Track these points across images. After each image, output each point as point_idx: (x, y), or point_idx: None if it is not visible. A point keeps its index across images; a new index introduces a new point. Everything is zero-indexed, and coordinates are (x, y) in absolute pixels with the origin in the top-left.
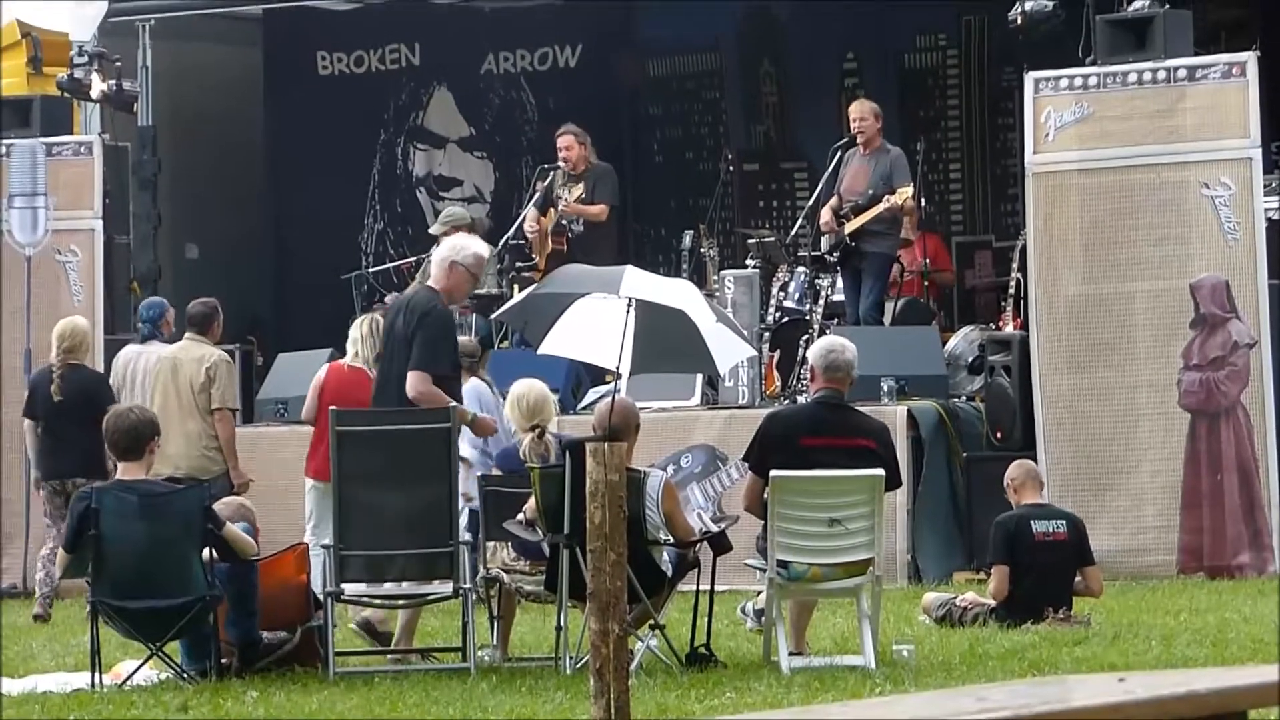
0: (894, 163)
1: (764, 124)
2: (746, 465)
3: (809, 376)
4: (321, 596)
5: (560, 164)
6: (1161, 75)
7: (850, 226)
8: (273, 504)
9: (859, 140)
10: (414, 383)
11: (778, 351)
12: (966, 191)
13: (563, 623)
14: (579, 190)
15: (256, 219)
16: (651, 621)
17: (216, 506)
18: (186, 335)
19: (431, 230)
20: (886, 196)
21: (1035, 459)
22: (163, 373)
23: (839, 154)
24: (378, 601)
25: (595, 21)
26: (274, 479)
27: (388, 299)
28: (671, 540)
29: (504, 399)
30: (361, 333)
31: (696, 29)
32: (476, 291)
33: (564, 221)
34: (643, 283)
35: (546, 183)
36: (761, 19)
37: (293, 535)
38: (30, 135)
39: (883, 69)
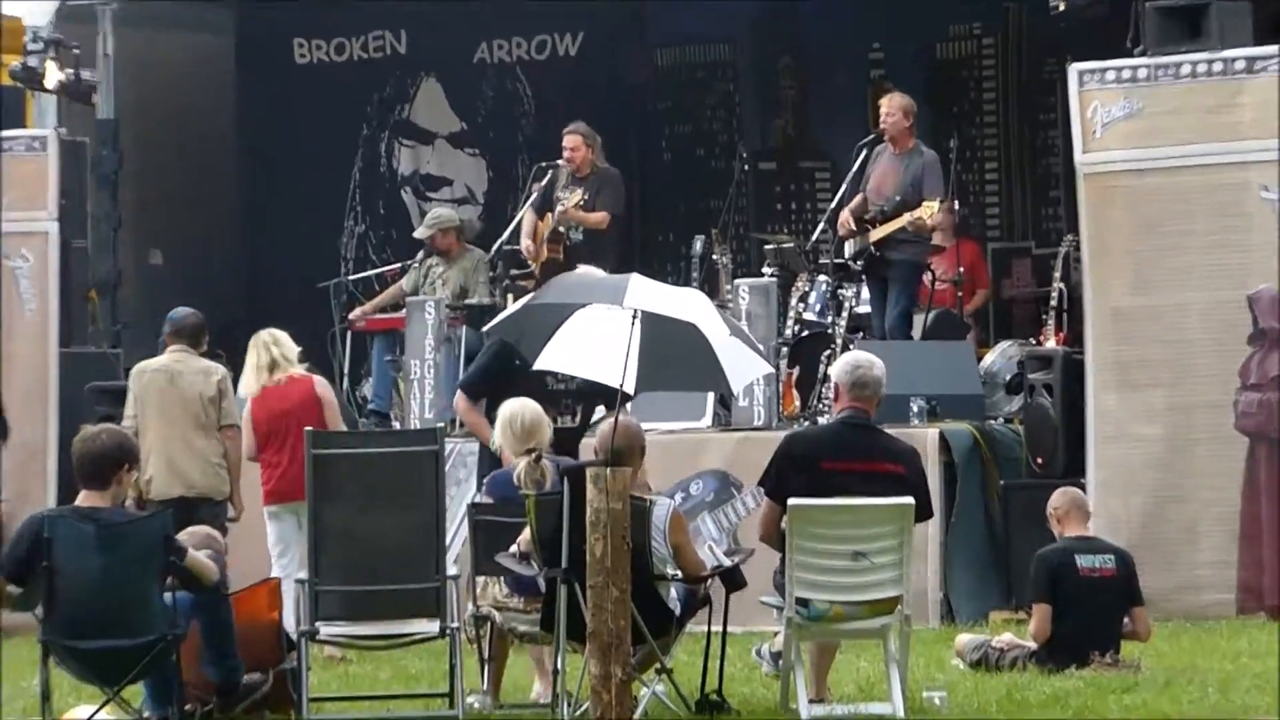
0: (926, 168)
1: (782, 119)
2: (762, 492)
3: (832, 395)
4: (295, 636)
5: (562, 163)
6: (1217, 67)
7: (875, 235)
8: (244, 534)
9: (886, 137)
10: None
11: (797, 368)
12: (1004, 194)
13: (560, 665)
14: (580, 194)
15: (226, 222)
16: (658, 665)
17: (181, 536)
18: (174, 348)
19: (417, 233)
20: (909, 213)
21: (1080, 486)
22: (156, 386)
23: (865, 151)
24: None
25: (598, 7)
26: (246, 506)
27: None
28: (680, 575)
29: None
30: (254, 362)
31: (709, 16)
32: (467, 302)
33: (562, 228)
34: (649, 292)
35: (544, 182)
36: (780, 4)
37: (263, 567)
38: None
39: (912, 59)
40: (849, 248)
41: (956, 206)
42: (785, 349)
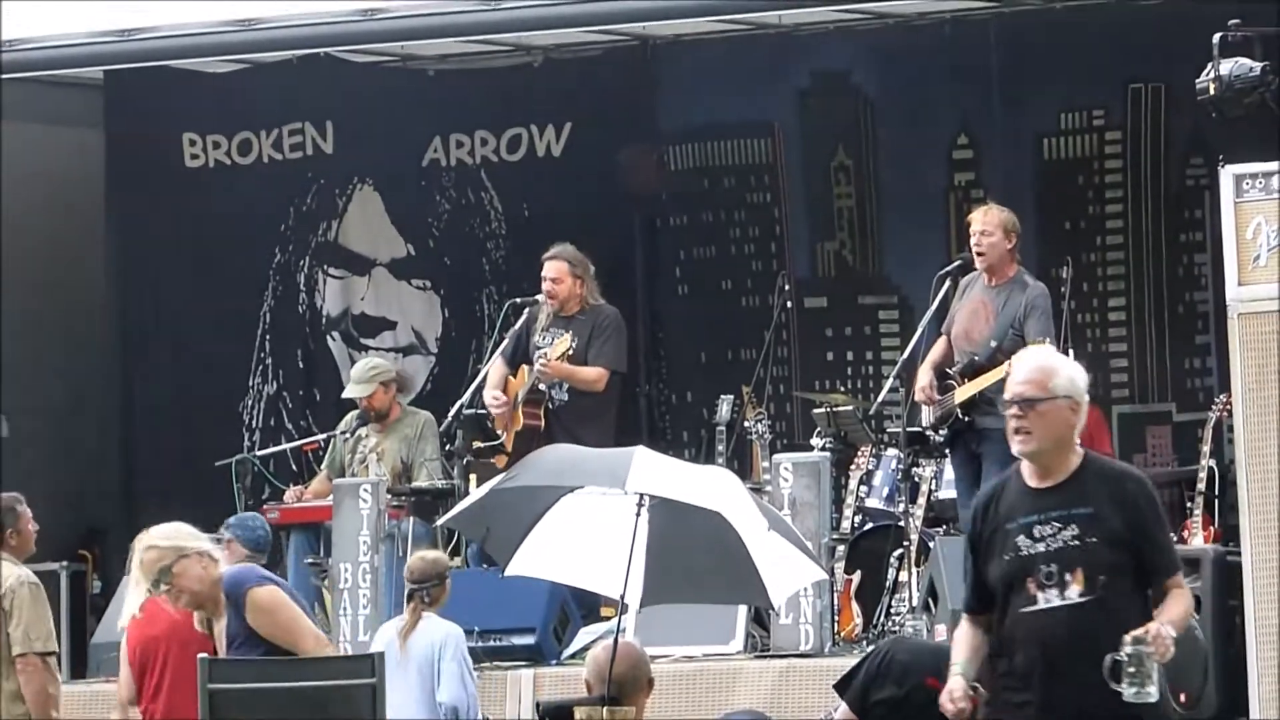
0: (1031, 304)
1: (836, 240)
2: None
3: None
4: None
5: (541, 299)
6: None
7: (962, 394)
8: None
9: (980, 265)
10: None
11: (858, 573)
12: (1134, 340)
13: None
14: (567, 341)
15: (95, 378)
16: None
17: None
18: None
19: (349, 392)
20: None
21: None
22: None
23: (948, 283)
24: None
25: (591, 91)
26: None
27: (288, 495)
28: None
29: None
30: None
31: (741, 102)
32: (414, 485)
33: (542, 386)
34: (659, 472)
35: (518, 326)
36: (835, 87)
37: None
38: None
39: (1012, 159)
40: (927, 413)
41: (1070, 355)
42: (842, 548)
